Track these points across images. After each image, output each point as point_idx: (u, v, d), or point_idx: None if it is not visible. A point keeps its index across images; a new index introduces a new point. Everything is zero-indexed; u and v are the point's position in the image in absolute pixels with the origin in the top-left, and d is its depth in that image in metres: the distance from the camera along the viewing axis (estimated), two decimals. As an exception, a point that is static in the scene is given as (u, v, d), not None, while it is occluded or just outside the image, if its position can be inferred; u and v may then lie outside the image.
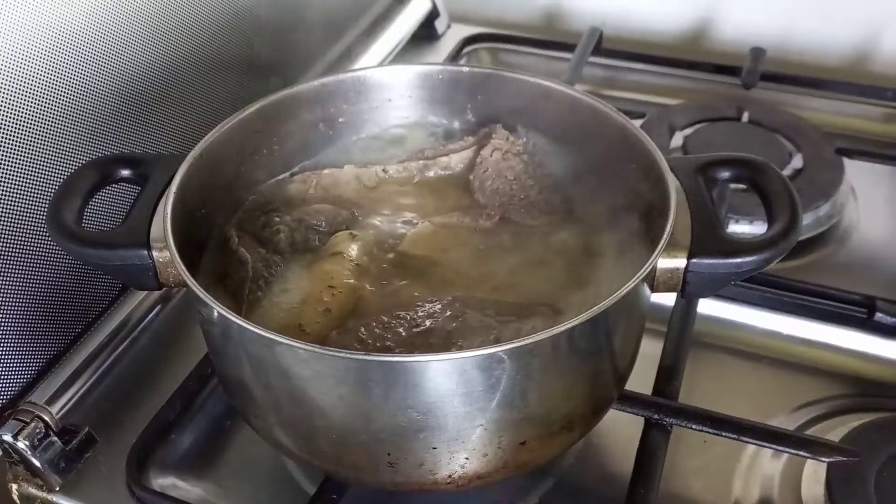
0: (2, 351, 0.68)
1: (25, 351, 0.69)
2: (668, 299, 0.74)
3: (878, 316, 0.74)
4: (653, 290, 0.58)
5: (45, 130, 0.70)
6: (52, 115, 0.70)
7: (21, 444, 0.65)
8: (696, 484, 0.65)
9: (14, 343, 0.68)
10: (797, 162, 0.89)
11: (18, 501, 0.67)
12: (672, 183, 0.59)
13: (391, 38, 1.09)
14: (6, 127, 0.66)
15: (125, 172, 0.63)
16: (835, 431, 0.65)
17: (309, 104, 0.72)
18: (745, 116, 0.96)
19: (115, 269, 0.59)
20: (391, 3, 1.12)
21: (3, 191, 0.67)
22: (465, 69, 0.73)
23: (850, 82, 1.00)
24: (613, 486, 0.64)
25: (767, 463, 0.66)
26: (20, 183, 0.68)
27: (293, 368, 0.53)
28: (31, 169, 0.68)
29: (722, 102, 0.99)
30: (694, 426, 0.65)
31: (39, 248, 0.69)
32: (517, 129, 0.72)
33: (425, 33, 1.13)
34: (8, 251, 0.67)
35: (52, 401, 0.68)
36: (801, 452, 0.63)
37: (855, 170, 0.89)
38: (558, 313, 0.59)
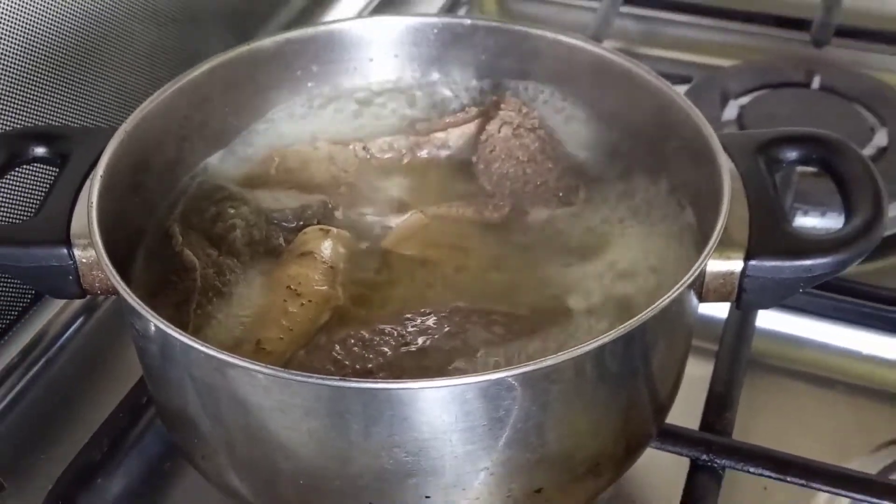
0: None
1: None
2: (719, 311, 0.74)
3: (982, 331, 0.74)
4: (701, 299, 0.58)
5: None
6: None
7: None
8: (755, 542, 0.66)
9: None
10: (881, 139, 0.90)
11: None
12: (725, 165, 0.59)
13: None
14: None
15: (40, 150, 0.63)
16: (927, 476, 0.66)
17: (270, 65, 0.72)
18: (817, 81, 0.96)
19: (26, 271, 0.59)
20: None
21: None
22: (467, 22, 0.74)
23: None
24: (651, 545, 0.64)
25: (843, 515, 0.67)
26: None
27: (250, 397, 0.53)
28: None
29: (787, 64, 0.99)
30: (751, 469, 0.65)
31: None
32: (531, 98, 0.73)
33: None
34: None
35: (-53, 437, 0.68)
36: (885, 502, 0.63)
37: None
38: (583, 329, 0.59)
